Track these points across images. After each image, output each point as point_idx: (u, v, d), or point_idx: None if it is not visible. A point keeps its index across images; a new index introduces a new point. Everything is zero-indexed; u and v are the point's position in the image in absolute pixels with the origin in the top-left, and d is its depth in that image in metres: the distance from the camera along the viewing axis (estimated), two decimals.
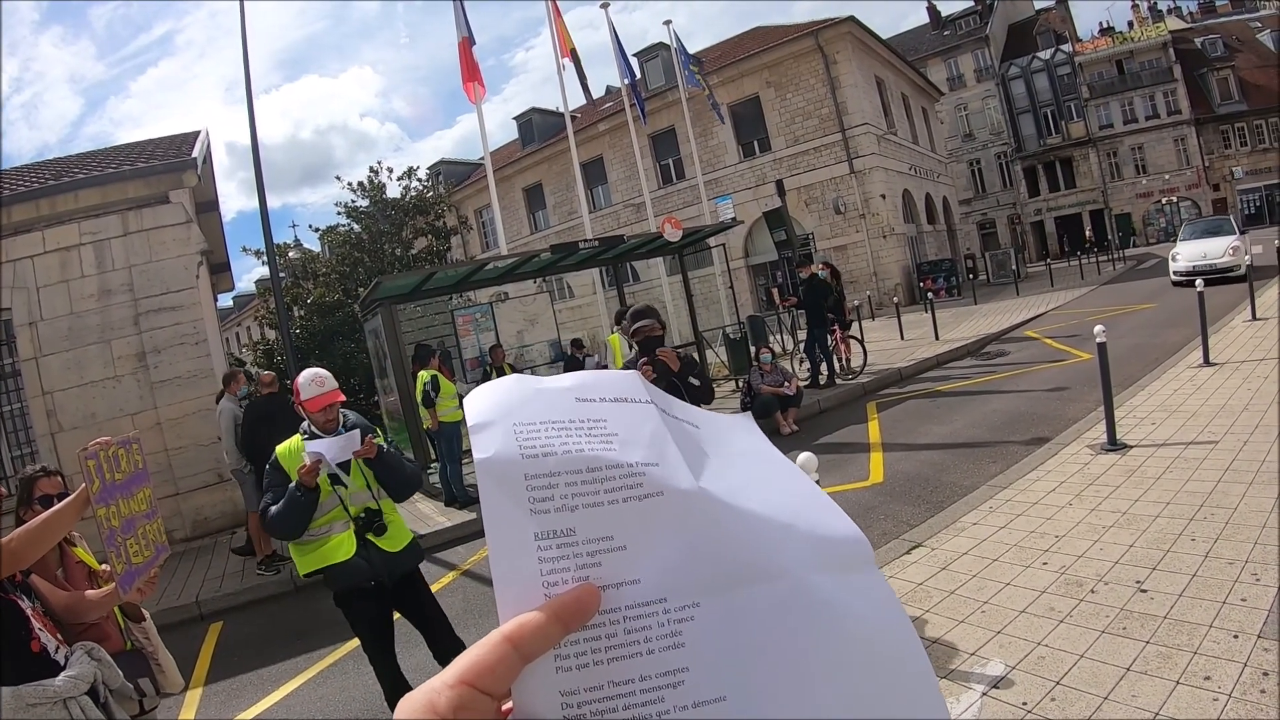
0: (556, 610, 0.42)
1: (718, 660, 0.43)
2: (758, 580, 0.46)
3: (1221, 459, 5.66)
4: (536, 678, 0.41)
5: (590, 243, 12.50)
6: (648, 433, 0.49)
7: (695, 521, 0.46)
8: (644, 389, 0.52)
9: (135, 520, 2.67)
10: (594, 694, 0.41)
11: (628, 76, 19.04)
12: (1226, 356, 9.02)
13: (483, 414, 0.47)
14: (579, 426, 0.47)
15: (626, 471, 0.46)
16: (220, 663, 6.14)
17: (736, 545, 0.46)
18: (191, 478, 10.79)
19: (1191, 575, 4.00)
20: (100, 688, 2.51)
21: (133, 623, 3.02)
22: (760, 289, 28.78)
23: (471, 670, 0.41)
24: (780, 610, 0.45)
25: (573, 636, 0.42)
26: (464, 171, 41.04)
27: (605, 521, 0.44)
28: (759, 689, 0.43)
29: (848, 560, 0.50)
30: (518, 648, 0.41)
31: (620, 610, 0.43)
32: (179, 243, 11.16)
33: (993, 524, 5.38)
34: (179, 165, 11.52)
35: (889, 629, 0.49)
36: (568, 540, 0.43)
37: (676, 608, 0.43)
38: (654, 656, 0.42)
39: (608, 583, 0.43)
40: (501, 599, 0.43)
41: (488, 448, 0.45)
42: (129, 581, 2.55)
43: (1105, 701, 3.08)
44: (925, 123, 36.85)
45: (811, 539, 0.49)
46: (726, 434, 0.56)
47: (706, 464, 0.50)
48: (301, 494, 3.56)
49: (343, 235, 22.49)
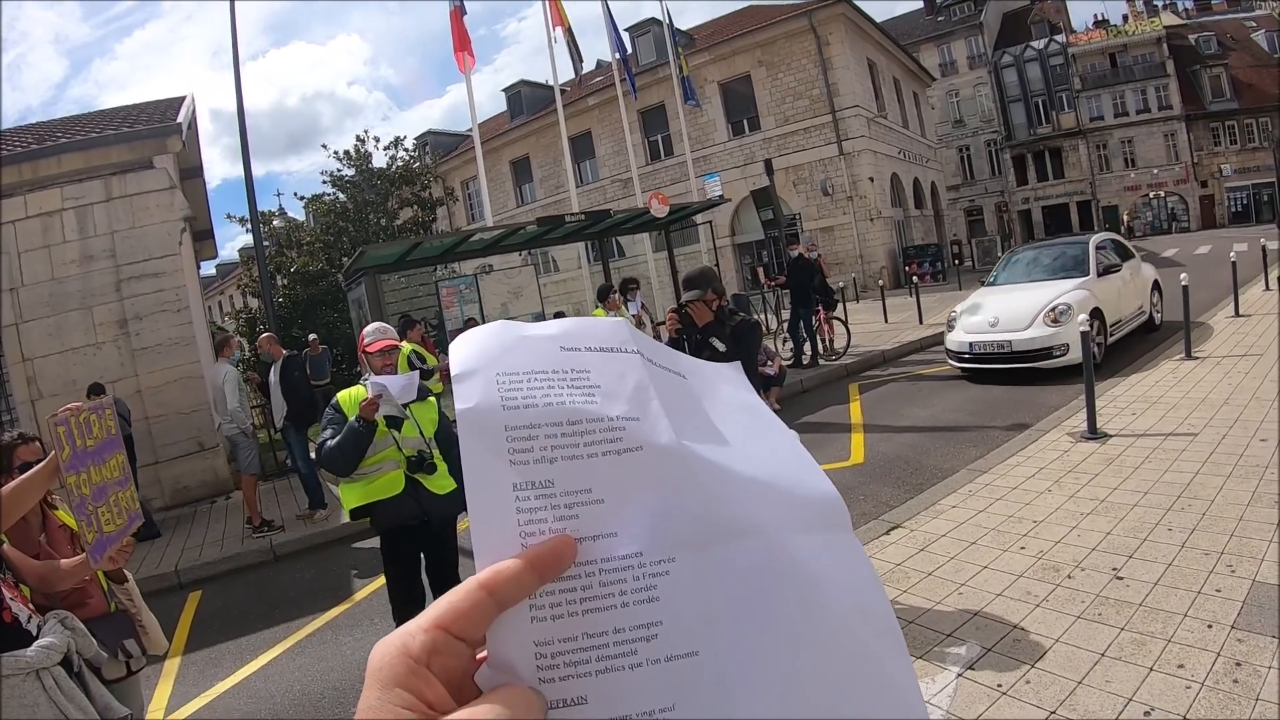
0: (533, 559, 0.41)
1: (691, 616, 0.43)
2: (734, 538, 0.45)
3: (1200, 451, 5.70)
4: (511, 626, 0.41)
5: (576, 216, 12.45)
6: (631, 385, 0.48)
7: (673, 477, 0.45)
8: (631, 337, 0.52)
9: (107, 487, 2.62)
10: (568, 645, 0.41)
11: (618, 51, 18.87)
12: (1209, 351, 9.08)
13: (466, 363, 0.46)
14: (561, 378, 0.47)
15: (607, 425, 0.45)
16: (199, 632, 6.12)
17: (714, 502, 0.46)
18: (171, 446, 10.72)
19: (1167, 564, 4.04)
20: (74, 657, 2.48)
21: (115, 585, 2.98)
22: (746, 268, 28.77)
23: (447, 615, 0.41)
24: (755, 568, 0.45)
25: (548, 587, 0.42)
26: (451, 142, 40.69)
27: (584, 474, 0.44)
28: (731, 646, 0.43)
29: (825, 520, 0.51)
30: (493, 594, 0.41)
31: (596, 563, 0.43)
32: (162, 209, 11.03)
33: (972, 507, 5.41)
34: (163, 130, 11.38)
35: (862, 592, 0.49)
36: (546, 491, 0.43)
37: (652, 562, 0.43)
38: (629, 610, 0.42)
39: (585, 535, 0.43)
40: (478, 547, 0.42)
41: (469, 398, 0.45)
42: (100, 550, 2.50)
43: (1080, 686, 3.11)
44: (916, 107, 36.83)
45: (790, 498, 0.50)
46: (712, 384, 0.56)
47: (689, 417, 0.50)
48: (361, 426, 3.80)
49: (328, 204, 22.30)
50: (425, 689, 0.39)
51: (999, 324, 9.87)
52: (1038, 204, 47.87)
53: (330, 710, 4.40)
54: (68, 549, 2.94)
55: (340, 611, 5.93)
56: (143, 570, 7.34)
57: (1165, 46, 44.48)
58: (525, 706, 0.39)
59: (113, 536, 2.58)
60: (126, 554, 2.73)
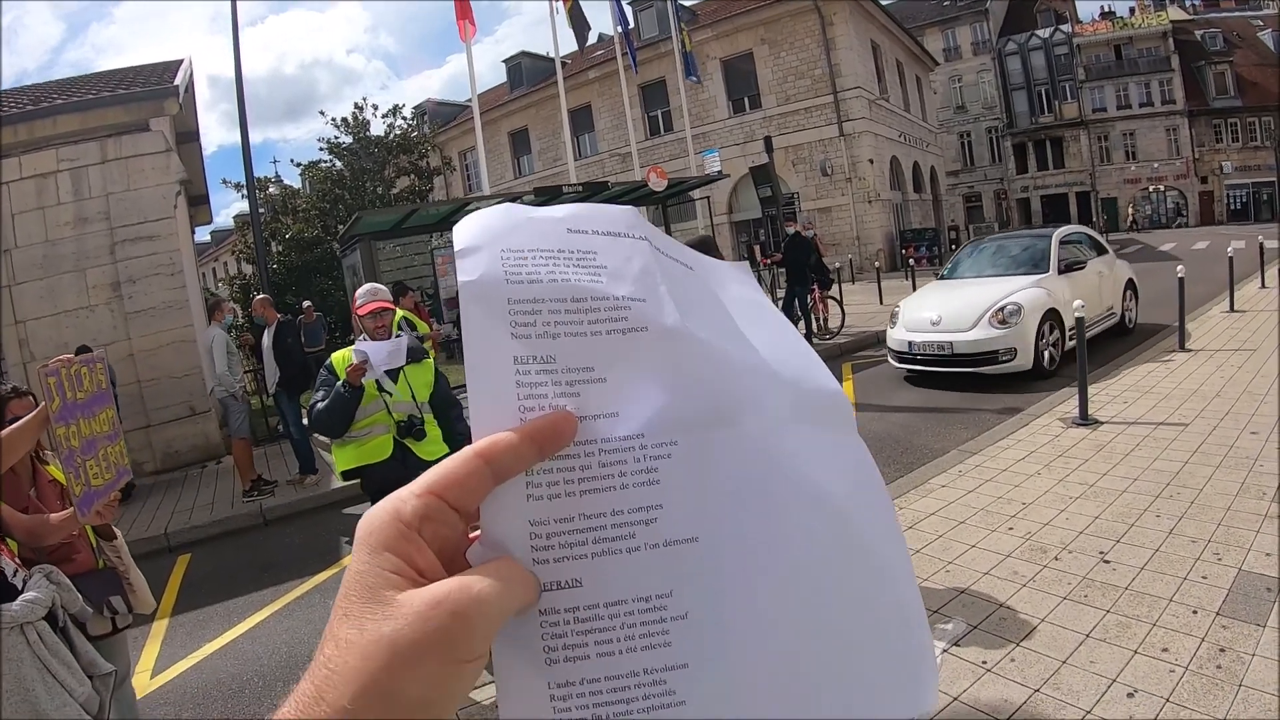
0: (532, 431, 0.40)
1: (692, 500, 0.42)
2: (737, 423, 0.44)
3: (1190, 441, 5.72)
4: (505, 504, 0.40)
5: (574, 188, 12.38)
6: (637, 268, 0.46)
7: (678, 359, 0.44)
8: (638, 224, 0.50)
9: (96, 441, 2.60)
10: (564, 525, 0.40)
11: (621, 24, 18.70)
12: (1202, 344, 9.10)
13: (470, 239, 0.45)
14: (568, 256, 0.45)
15: (612, 304, 0.44)
16: (187, 594, 6.13)
17: (718, 386, 0.45)
18: (163, 410, 10.68)
19: (1154, 550, 4.06)
20: (59, 612, 2.47)
21: (104, 541, 2.97)
22: (742, 245, 28.68)
23: (441, 482, 0.39)
24: (758, 455, 0.44)
25: (545, 465, 0.40)
26: (450, 112, 40.40)
27: (587, 352, 0.43)
28: (731, 532, 0.43)
29: (829, 415, 0.50)
30: (490, 463, 0.39)
31: (596, 443, 0.41)
32: (158, 171, 10.92)
33: (961, 488, 5.43)
34: (160, 93, 11.26)
35: (865, 489, 0.48)
36: (547, 366, 0.42)
37: (654, 444, 0.42)
38: (628, 492, 0.41)
39: (585, 414, 0.42)
40: (475, 419, 0.41)
41: (473, 271, 0.43)
42: (88, 504, 2.49)
43: (1064, 666, 3.13)
44: (918, 91, 36.64)
45: (795, 389, 0.49)
46: (720, 279, 0.55)
47: (695, 305, 0.48)
48: (347, 391, 3.80)
49: (324, 171, 22.15)
50: (416, 554, 0.38)
51: (942, 323, 9.07)
52: (1037, 193, 47.82)
53: None
54: (57, 504, 2.92)
55: (329, 575, 5.94)
56: (132, 532, 7.33)
57: (1171, 41, 44.34)
58: (520, 581, 0.38)
59: (100, 490, 2.56)
60: (113, 509, 2.71)
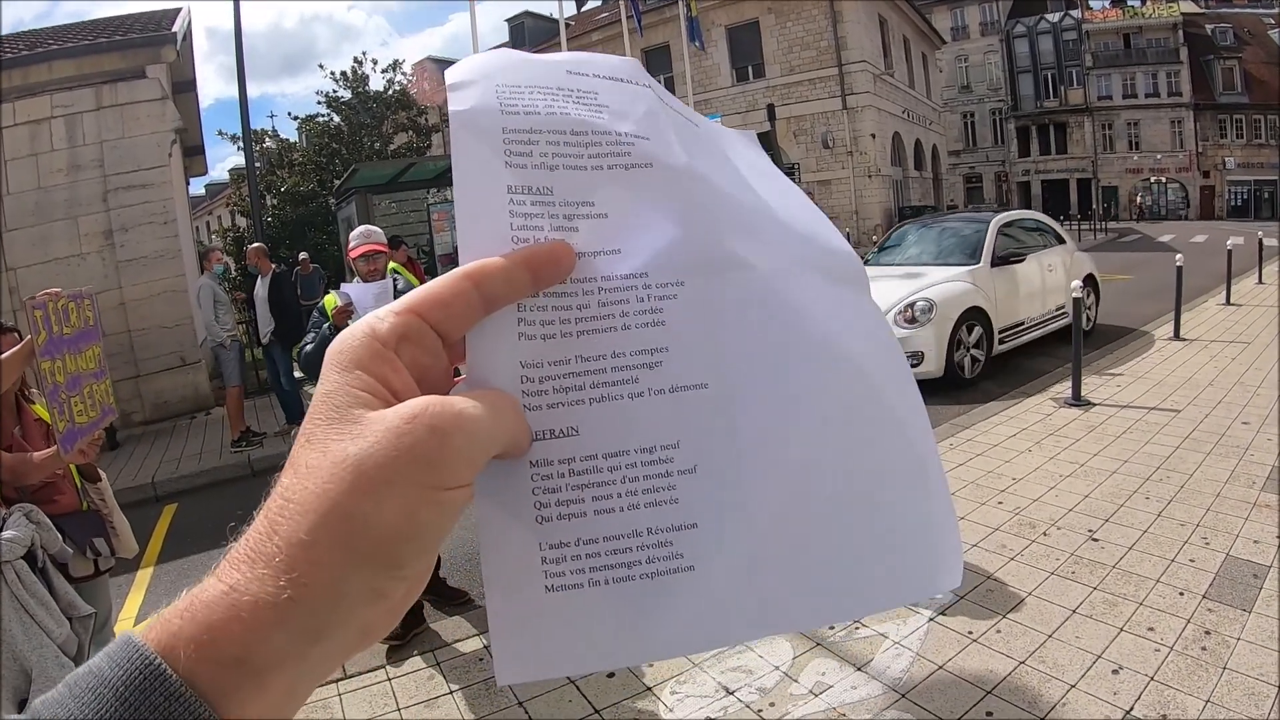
0: (527, 257, 0.36)
1: (700, 345, 0.39)
2: (749, 266, 0.41)
3: (1182, 428, 5.74)
4: (494, 339, 0.36)
5: None
6: (642, 110, 0.43)
7: (686, 199, 0.40)
8: (643, 74, 0.46)
9: (81, 378, 2.56)
10: (558, 369, 0.37)
11: None
12: (1197, 335, 9.11)
13: (464, 74, 0.41)
14: (567, 94, 0.41)
15: (614, 139, 0.40)
16: (173, 543, 6.11)
17: (728, 228, 0.41)
18: (153, 360, 10.58)
19: (1143, 531, 4.07)
20: (38, 551, 2.43)
21: (89, 483, 2.94)
22: None
23: (424, 301, 0.35)
24: (771, 300, 0.41)
25: (539, 302, 0.37)
26: None
27: (586, 185, 0.39)
28: (742, 379, 0.39)
29: (842, 271, 0.46)
30: (478, 285, 0.35)
31: (595, 280, 0.38)
32: (153, 119, 10.74)
33: (952, 460, 5.45)
34: (158, 39, 11.08)
35: (881, 346, 0.45)
36: (543, 198, 0.38)
37: (658, 284, 0.39)
38: (630, 333, 0.38)
39: (584, 250, 0.38)
40: (464, 248, 0.37)
41: (465, 102, 0.39)
42: (71, 441, 2.45)
43: (1050, 640, 3.15)
44: (924, 69, 36.43)
45: (807, 240, 0.45)
46: (726, 138, 0.50)
47: (702, 152, 0.44)
48: (332, 333, 3.77)
49: (321, 125, 21.88)
50: (391, 374, 0.34)
51: None
52: (1038, 177, 47.70)
53: None
54: (42, 444, 2.88)
55: None
56: (119, 481, 7.27)
57: (1181, 33, 44.02)
58: (510, 412, 0.34)
59: (84, 428, 2.52)
60: (96, 447, 2.67)
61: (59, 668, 2.32)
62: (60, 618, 2.42)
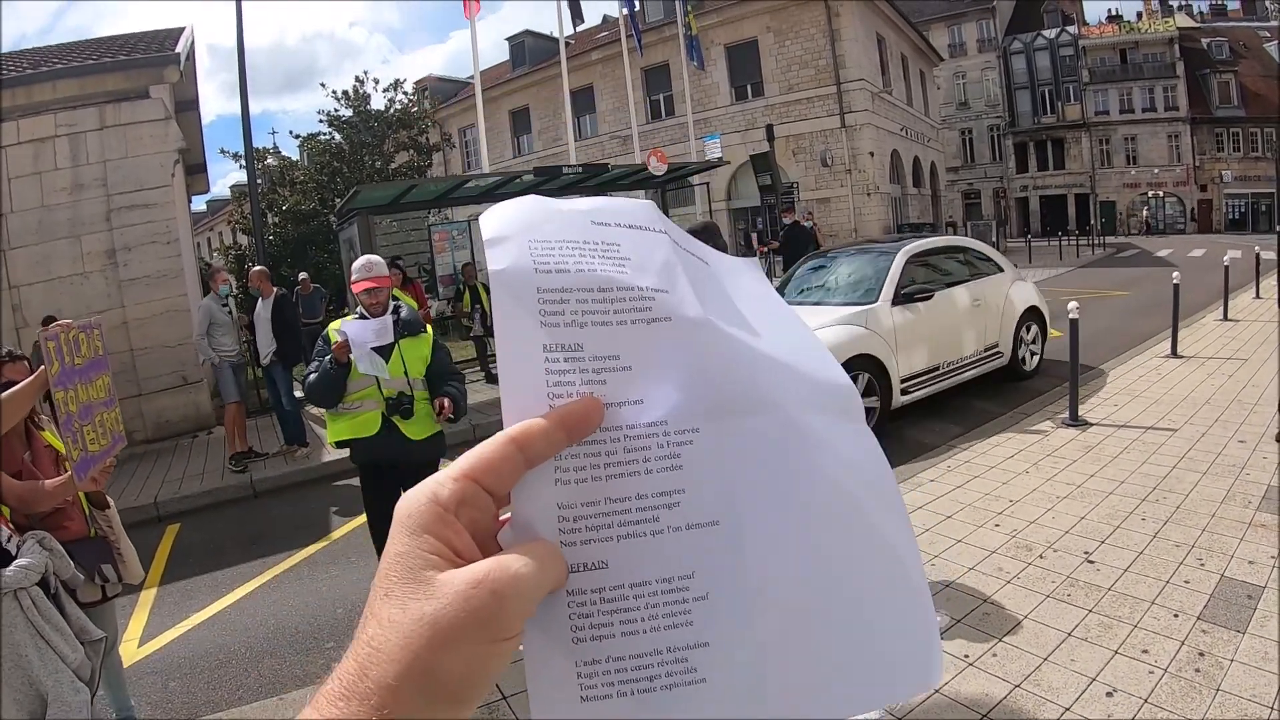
0: (562, 416, 0.41)
1: (713, 485, 0.44)
2: (756, 411, 0.46)
3: (1179, 447, 5.77)
4: (535, 488, 0.42)
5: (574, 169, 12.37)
6: (659, 260, 0.48)
7: (700, 349, 0.46)
8: (659, 219, 0.52)
9: (93, 407, 2.61)
10: (590, 509, 0.42)
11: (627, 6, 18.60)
12: (1194, 351, 9.14)
13: (499, 229, 0.46)
14: (593, 248, 0.47)
15: (637, 294, 0.45)
16: (175, 564, 6.13)
17: (738, 376, 0.46)
18: (155, 379, 10.64)
19: (1138, 553, 4.10)
20: (51, 578, 2.48)
21: (97, 510, 2.98)
22: (740, 233, 28.65)
23: (477, 467, 0.41)
24: (775, 442, 0.46)
25: (573, 450, 0.42)
26: (451, 89, 40.16)
27: (613, 340, 0.44)
28: (750, 516, 0.44)
29: (840, 407, 0.51)
30: (522, 449, 0.40)
31: (621, 429, 0.43)
32: (156, 139, 10.83)
33: (949, 482, 5.49)
34: (161, 60, 11.17)
35: (875, 478, 0.50)
36: (575, 355, 0.43)
37: (676, 431, 0.43)
38: (652, 476, 0.43)
39: (611, 401, 0.43)
40: (507, 407, 0.42)
41: (503, 260, 0.44)
42: (84, 469, 2.50)
43: (1045, 663, 3.18)
44: (922, 86, 36.54)
45: (809, 380, 0.50)
46: (734, 274, 0.56)
47: (714, 297, 0.50)
48: (332, 367, 3.83)
49: (323, 144, 22.00)
50: (454, 536, 0.39)
51: None
52: (1036, 193, 47.88)
53: (305, 644, 4.44)
54: (52, 470, 2.93)
55: (318, 548, 5.96)
56: (121, 501, 7.24)
57: (1177, 48, 44.27)
58: (554, 561, 0.40)
59: (97, 456, 2.58)
60: (108, 474, 2.72)
61: (74, 692, 2.36)
62: (74, 642, 2.47)
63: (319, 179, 21.05)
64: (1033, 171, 48.03)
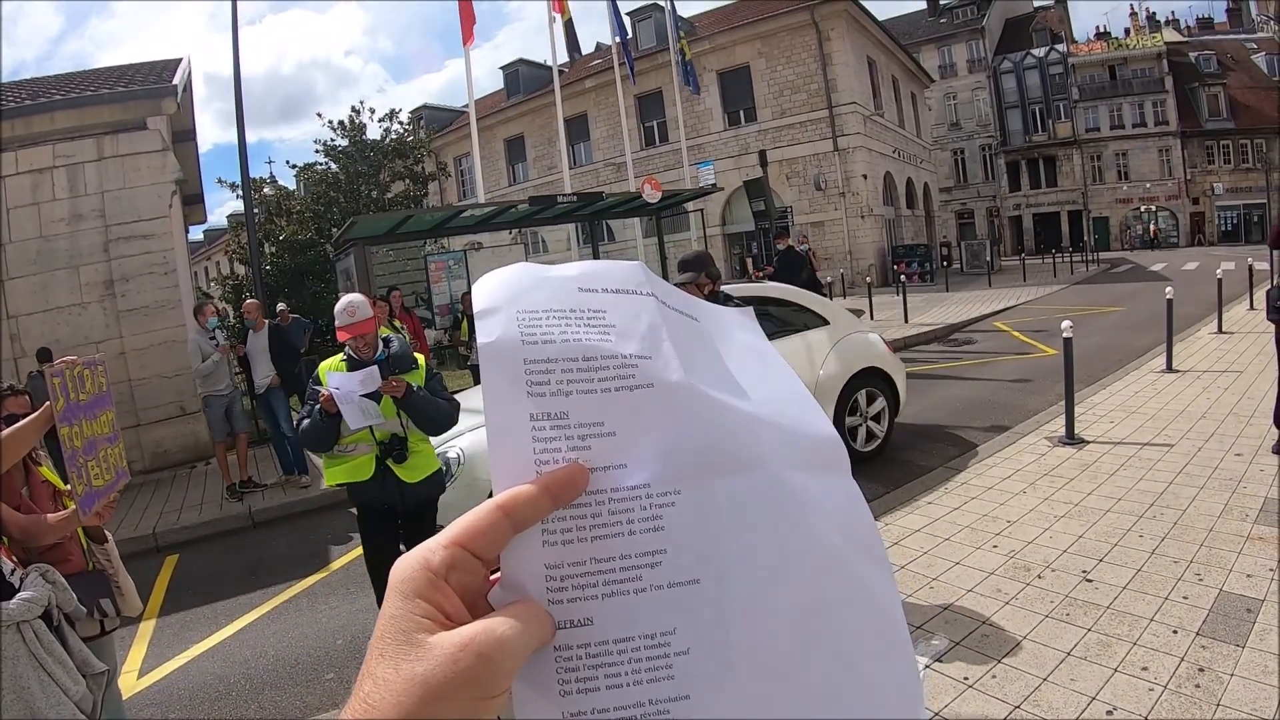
0: (548, 484, 0.44)
1: (694, 545, 0.45)
2: (737, 472, 0.48)
3: (1175, 462, 5.79)
4: (524, 549, 0.44)
5: (569, 198, 12.44)
6: (644, 325, 0.50)
7: (682, 413, 0.47)
8: (646, 280, 0.54)
9: (97, 442, 2.63)
10: (576, 569, 0.44)
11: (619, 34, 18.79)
12: (1189, 365, 9.18)
13: (488, 300, 0.49)
14: (579, 316, 0.49)
15: (621, 362, 0.47)
16: (174, 595, 6.11)
17: (719, 437, 0.48)
18: (154, 409, 10.65)
19: (1137, 570, 4.12)
20: (54, 611, 2.49)
21: (95, 544, 2.99)
22: (735, 258, 28.77)
23: (465, 533, 0.43)
24: (755, 501, 0.48)
25: (560, 513, 0.44)
26: (446, 118, 40.50)
27: (597, 408, 0.46)
28: (731, 574, 0.46)
29: (824, 460, 0.53)
30: (509, 515, 0.43)
31: (606, 492, 0.45)
32: (154, 170, 10.91)
33: (947, 504, 5.49)
34: (159, 91, 11.25)
35: (856, 529, 0.52)
36: (561, 423, 0.45)
37: (659, 493, 0.46)
38: (635, 538, 0.45)
39: (596, 465, 0.45)
40: (496, 474, 0.45)
41: (491, 333, 0.47)
42: (89, 504, 2.52)
43: (1045, 683, 3.18)
44: (913, 108, 36.85)
45: (792, 436, 0.52)
46: (724, 327, 0.58)
47: (699, 357, 0.52)
48: (321, 419, 3.77)
49: (319, 174, 22.11)
50: (444, 601, 0.42)
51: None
52: (1029, 211, 48.14)
53: (305, 675, 4.42)
54: (49, 505, 2.94)
55: (317, 579, 5.95)
56: (120, 532, 7.29)
57: (1165, 62, 44.69)
58: (540, 622, 0.42)
59: (101, 491, 2.59)
60: (111, 509, 2.74)
61: None
62: (76, 676, 2.47)
63: (316, 209, 21.14)
64: (1025, 190, 48.30)
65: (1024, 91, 47.77)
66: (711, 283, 4.63)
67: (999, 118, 48.12)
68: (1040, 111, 47.60)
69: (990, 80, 47.86)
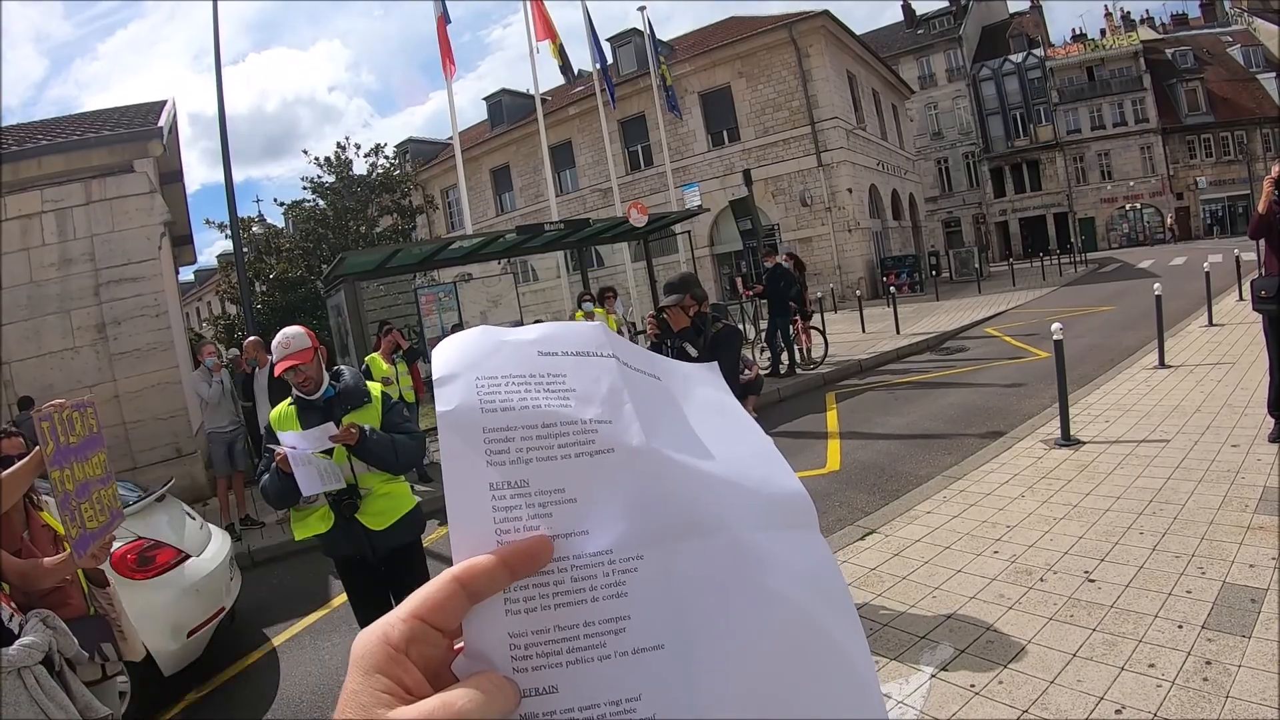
0: (506, 556, 0.44)
1: (658, 610, 0.45)
2: (699, 536, 0.47)
3: (1172, 457, 5.79)
4: (486, 618, 0.44)
5: (556, 225, 12.50)
6: (605, 388, 0.50)
7: (643, 478, 0.47)
8: (607, 341, 0.54)
9: (90, 484, 2.63)
10: (540, 637, 0.44)
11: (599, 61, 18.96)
12: (1182, 360, 9.21)
13: (447, 366, 0.48)
14: (538, 381, 0.49)
15: (580, 428, 0.47)
16: None
17: (681, 501, 0.48)
18: (149, 451, 10.61)
19: (1139, 567, 4.11)
20: (55, 656, 2.47)
21: (96, 588, 2.98)
22: (724, 278, 28.86)
23: (423, 606, 0.43)
24: (719, 565, 0.47)
25: (522, 582, 0.44)
26: (432, 150, 40.72)
27: (558, 475, 0.46)
28: (696, 639, 0.46)
29: (790, 518, 0.53)
30: (465, 587, 0.43)
31: (569, 559, 0.45)
32: (142, 213, 10.95)
33: (946, 513, 5.48)
34: (144, 134, 11.31)
35: (823, 588, 0.51)
36: (521, 490, 0.45)
37: (621, 559, 0.45)
38: (598, 604, 0.45)
39: (558, 532, 0.45)
40: (456, 543, 0.45)
41: (450, 400, 0.47)
42: (84, 546, 2.51)
43: (1051, 686, 3.17)
44: (895, 119, 37.14)
45: (756, 497, 0.51)
46: (686, 385, 0.58)
47: (661, 418, 0.52)
48: (279, 477, 3.51)
49: (307, 211, 22.22)
50: (404, 675, 0.42)
51: None
52: (1015, 215, 48.46)
53: (309, 714, 4.38)
54: (50, 549, 2.93)
55: (319, 616, 5.91)
56: None
57: (1142, 61, 45.18)
58: (500, 693, 0.42)
59: (96, 533, 2.59)
60: (107, 550, 2.73)
61: None
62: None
63: (305, 245, 21.22)
64: (1010, 195, 48.65)
65: (1004, 97, 48.22)
66: (697, 304, 4.65)
67: (980, 125, 48.54)
68: (1021, 116, 48.05)
69: (970, 88, 48.32)
